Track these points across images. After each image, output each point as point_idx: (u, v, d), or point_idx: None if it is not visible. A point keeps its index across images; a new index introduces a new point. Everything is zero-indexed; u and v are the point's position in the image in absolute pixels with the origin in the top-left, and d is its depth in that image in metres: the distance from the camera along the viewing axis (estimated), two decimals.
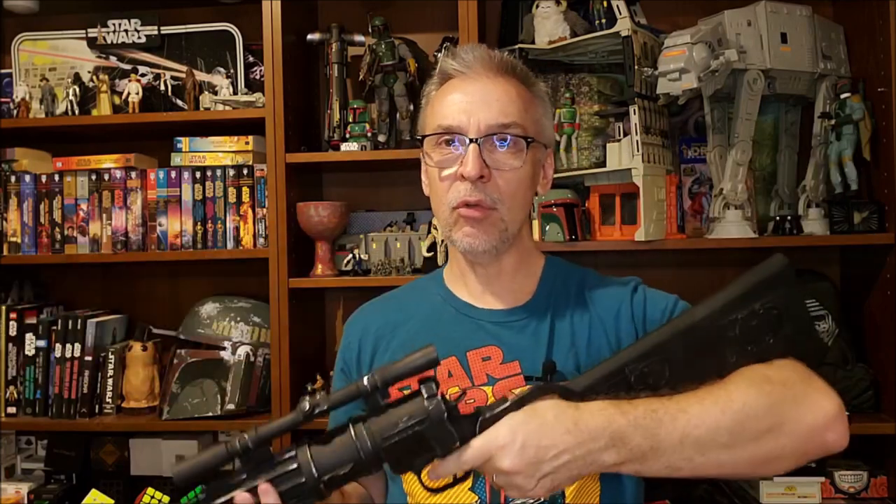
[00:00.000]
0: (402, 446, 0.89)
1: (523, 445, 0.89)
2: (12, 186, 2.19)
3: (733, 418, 0.91)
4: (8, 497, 2.15)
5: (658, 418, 0.91)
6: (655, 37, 1.93)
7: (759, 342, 0.98)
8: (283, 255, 2.01)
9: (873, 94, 1.93)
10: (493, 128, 1.09)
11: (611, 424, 0.90)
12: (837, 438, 0.95)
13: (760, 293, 0.99)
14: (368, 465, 0.90)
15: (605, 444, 0.89)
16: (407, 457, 0.91)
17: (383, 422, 0.90)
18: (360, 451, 0.89)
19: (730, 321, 0.98)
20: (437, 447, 0.90)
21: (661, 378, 0.96)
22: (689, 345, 0.98)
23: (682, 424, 0.91)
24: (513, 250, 1.16)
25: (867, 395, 1.92)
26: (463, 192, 1.09)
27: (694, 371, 0.97)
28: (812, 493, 1.91)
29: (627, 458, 0.90)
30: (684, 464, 0.91)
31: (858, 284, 2.05)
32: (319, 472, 0.88)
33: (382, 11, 2.17)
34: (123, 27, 2.29)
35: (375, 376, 0.89)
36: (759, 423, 0.91)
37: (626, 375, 0.96)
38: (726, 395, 0.93)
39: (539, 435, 0.89)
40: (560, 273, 1.21)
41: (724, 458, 0.92)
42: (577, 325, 1.14)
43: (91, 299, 2.37)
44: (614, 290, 1.18)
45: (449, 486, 0.98)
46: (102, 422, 2.11)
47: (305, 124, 2.19)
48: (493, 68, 1.12)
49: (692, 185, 2.13)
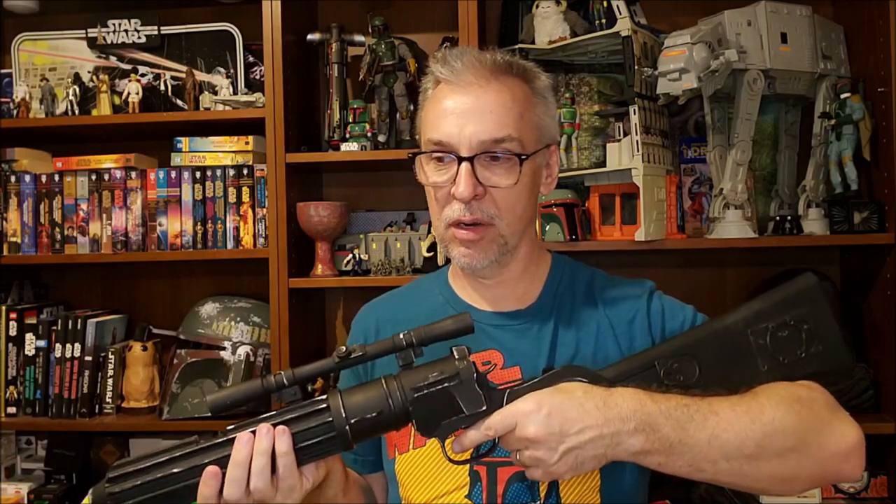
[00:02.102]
0: (430, 402, 0.90)
1: (549, 414, 0.88)
2: (12, 186, 2.19)
3: (762, 431, 0.90)
4: (8, 497, 2.15)
5: (689, 414, 0.90)
6: (655, 37, 1.93)
7: (789, 354, 0.98)
8: (283, 255, 2.01)
9: (873, 94, 1.93)
10: (485, 144, 1.04)
11: (642, 408, 0.89)
12: (853, 469, 0.95)
13: (792, 306, 1.00)
14: (396, 417, 0.90)
15: (635, 428, 0.88)
16: (434, 416, 0.91)
17: (414, 375, 0.91)
18: (389, 399, 0.89)
19: (761, 329, 0.98)
20: (464, 408, 0.90)
21: (692, 377, 0.97)
22: (721, 347, 0.99)
23: (713, 425, 0.90)
24: (516, 258, 1.13)
25: (867, 395, 1.92)
26: (458, 212, 1.06)
27: (724, 374, 0.97)
28: (812, 493, 1.90)
29: (654, 447, 0.89)
30: (708, 466, 0.90)
31: (858, 284, 2.05)
32: (348, 414, 0.88)
33: (382, 11, 2.17)
34: (123, 27, 2.29)
35: (411, 333, 0.91)
36: (785, 441, 0.91)
37: (657, 370, 0.97)
38: (758, 407, 0.92)
39: (566, 407, 0.88)
40: (567, 274, 1.18)
41: (746, 469, 0.91)
42: (584, 330, 1.12)
43: (91, 299, 2.38)
44: (628, 293, 1.15)
45: (472, 458, 0.98)
46: (102, 422, 2.11)
47: (305, 124, 2.19)
48: (486, 74, 1.06)
49: (692, 185, 2.13)
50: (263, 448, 0.87)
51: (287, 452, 0.87)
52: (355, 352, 0.90)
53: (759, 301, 1.01)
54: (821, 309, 1.00)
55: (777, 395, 0.94)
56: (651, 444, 0.88)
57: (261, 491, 0.87)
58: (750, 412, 0.91)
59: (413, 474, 1.12)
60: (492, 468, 1.07)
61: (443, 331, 0.91)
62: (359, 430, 0.89)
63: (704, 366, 0.97)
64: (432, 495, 1.09)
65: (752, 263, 2.14)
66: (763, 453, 0.90)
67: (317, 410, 0.89)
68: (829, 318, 1.01)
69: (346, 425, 0.88)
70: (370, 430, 0.90)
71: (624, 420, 0.88)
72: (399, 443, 1.14)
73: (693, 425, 0.89)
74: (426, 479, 1.10)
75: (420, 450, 1.11)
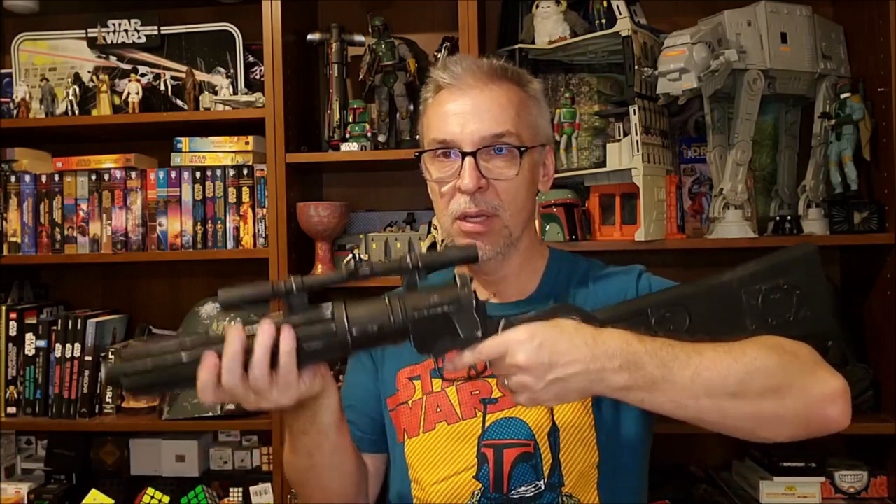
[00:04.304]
0: (429, 323, 0.93)
1: (540, 344, 0.91)
2: (12, 186, 2.19)
3: (745, 369, 0.93)
4: (8, 497, 2.15)
5: (674, 353, 0.93)
6: (655, 37, 1.93)
7: (778, 316, 1.02)
8: (283, 255, 2.01)
9: (873, 94, 1.93)
10: (486, 139, 1.12)
11: (628, 346, 0.92)
12: (839, 414, 0.96)
13: (787, 271, 1.03)
14: (395, 333, 0.93)
15: (619, 366, 0.91)
16: (431, 336, 0.94)
17: (416, 297, 0.94)
18: (390, 316, 0.92)
19: (754, 290, 1.02)
20: (461, 332, 0.94)
21: (681, 326, 1.01)
22: (712, 302, 1.03)
23: (696, 363, 0.92)
24: (517, 252, 1.19)
25: (867, 395, 1.92)
26: (463, 205, 1.12)
27: (712, 327, 1.00)
28: (812, 493, 1.90)
29: (637, 383, 0.91)
30: (690, 402, 0.93)
31: (858, 284, 2.05)
32: (350, 323, 0.91)
33: (382, 11, 2.17)
34: (123, 27, 2.28)
35: (418, 256, 0.94)
36: (767, 380, 0.93)
37: (648, 317, 1.01)
38: (740, 349, 0.95)
39: (556, 339, 0.91)
40: (564, 266, 1.24)
41: (728, 406, 0.93)
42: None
43: (91, 299, 2.38)
44: (618, 278, 1.22)
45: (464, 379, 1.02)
46: (102, 422, 2.11)
47: (305, 124, 2.19)
48: (483, 78, 1.14)
49: (692, 185, 2.13)
50: (264, 341, 0.89)
51: (290, 350, 0.89)
52: (363, 268, 0.93)
53: (756, 263, 1.04)
54: (814, 276, 1.03)
55: (761, 341, 0.97)
56: (634, 381, 0.91)
57: (258, 380, 0.89)
58: (732, 352, 0.94)
59: (423, 457, 1.18)
60: (498, 450, 1.14)
61: (448, 258, 0.96)
62: (359, 340, 0.92)
63: (695, 318, 1.01)
64: (441, 476, 1.16)
65: None
66: (745, 391, 0.93)
67: (321, 317, 0.92)
68: (822, 286, 1.05)
69: (348, 334, 0.91)
70: (370, 342, 0.93)
71: (610, 357, 0.91)
72: (409, 427, 1.20)
73: (677, 363, 0.92)
74: (436, 460, 1.17)
75: (430, 433, 1.18)
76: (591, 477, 1.12)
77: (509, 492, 1.12)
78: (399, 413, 1.21)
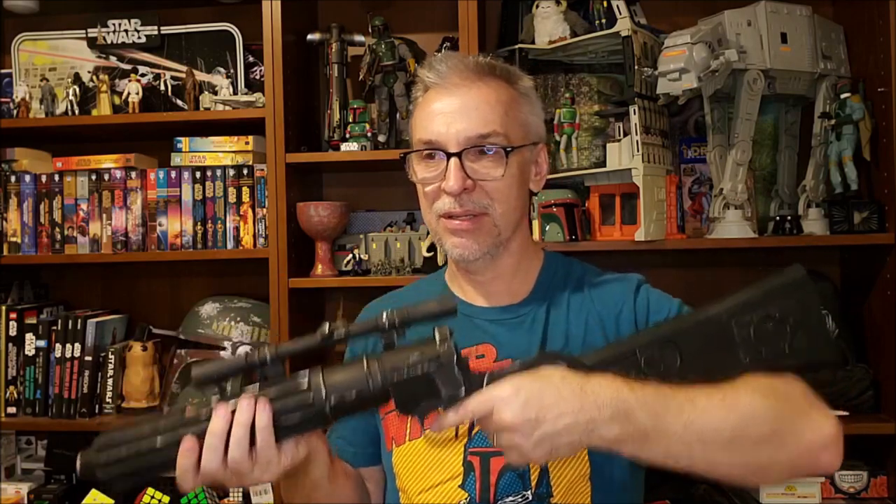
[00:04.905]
0: (410, 384, 0.90)
1: (526, 401, 0.88)
2: (12, 186, 2.19)
3: (738, 419, 0.91)
4: (8, 497, 2.15)
5: (666, 403, 0.90)
6: (655, 37, 1.93)
7: (772, 348, 0.97)
8: (283, 255, 2.01)
9: (873, 94, 1.93)
10: (472, 139, 1.09)
11: (618, 395, 0.89)
12: (831, 460, 0.95)
13: (777, 298, 0.98)
14: (376, 398, 0.91)
15: (610, 416, 0.88)
16: (413, 398, 0.91)
17: (395, 357, 0.91)
18: (369, 380, 0.90)
19: (745, 321, 0.97)
20: (443, 391, 0.91)
21: (672, 367, 0.96)
22: (703, 338, 0.98)
23: (689, 413, 0.90)
24: (509, 253, 1.16)
25: (867, 395, 1.92)
26: (447, 205, 1.10)
27: (705, 365, 0.97)
28: (812, 493, 1.91)
29: (629, 435, 0.89)
30: (683, 453, 0.90)
31: (858, 284, 2.05)
32: (328, 392, 0.89)
33: (382, 11, 2.17)
34: (123, 27, 2.28)
35: (394, 314, 0.90)
36: (760, 430, 0.91)
37: (637, 359, 0.96)
38: (734, 396, 0.92)
39: (543, 393, 0.88)
40: (560, 270, 1.21)
41: (721, 457, 0.91)
42: (573, 324, 1.15)
43: (91, 299, 2.38)
44: (616, 287, 1.18)
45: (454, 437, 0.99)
46: (102, 422, 2.11)
47: (305, 124, 2.19)
48: (470, 76, 1.11)
49: (692, 185, 2.13)
50: (243, 420, 0.87)
51: (267, 426, 0.87)
52: (338, 330, 0.90)
53: (745, 292, 0.99)
54: (806, 302, 0.98)
55: (754, 385, 0.94)
56: (626, 433, 0.88)
57: (238, 462, 0.87)
58: (725, 400, 0.92)
59: (408, 465, 1.15)
60: (485, 459, 1.10)
61: (426, 312, 0.91)
62: (338, 408, 0.90)
63: (686, 356, 0.96)
64: (427, 485, 1.12)
65: (752, 263, 2.13)
66: (738, 442, 0.91)
67: (297, 387, 0.90)
68: (816, 312, 0.99)
69: (326, 403, 0.89)
70: (349, 409, 0.91)
71: (599, 407, 0.88)
72: (396, 435, 1.17)
73: (670, 414, 0.89)
74: (421, 469, 1.13)
75: (416, 441, 1.14)
76: (583, 488, 1.09)
77: (496, 501, 1.09)
78: (388, 421, 1.19)
